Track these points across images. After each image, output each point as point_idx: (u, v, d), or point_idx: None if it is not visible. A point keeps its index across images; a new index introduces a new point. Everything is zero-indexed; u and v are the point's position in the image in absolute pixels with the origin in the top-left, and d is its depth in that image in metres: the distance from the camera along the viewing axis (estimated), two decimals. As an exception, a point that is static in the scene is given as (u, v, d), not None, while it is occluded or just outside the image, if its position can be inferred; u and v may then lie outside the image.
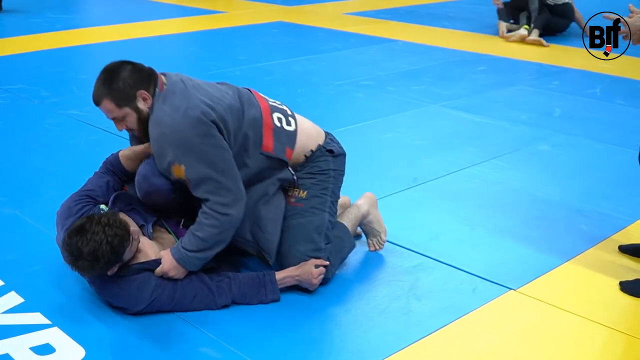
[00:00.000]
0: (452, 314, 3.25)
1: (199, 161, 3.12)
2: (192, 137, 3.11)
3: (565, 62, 8.29)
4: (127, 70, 3.19)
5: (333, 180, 3.55)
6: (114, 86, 3.15)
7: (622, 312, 3.34)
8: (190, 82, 3.30)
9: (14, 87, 6.88)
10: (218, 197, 3.16)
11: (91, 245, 2.98)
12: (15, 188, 4.58)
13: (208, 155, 3.14)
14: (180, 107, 3.14)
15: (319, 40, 9.51)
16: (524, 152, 5.32)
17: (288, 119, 3.50)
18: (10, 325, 3.10)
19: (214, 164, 3.15)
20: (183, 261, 3.18)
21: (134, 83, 3.17)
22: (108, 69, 3.22)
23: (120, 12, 11.53)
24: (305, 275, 3.35)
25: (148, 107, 3.19)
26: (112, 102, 3.16)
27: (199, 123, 3.12)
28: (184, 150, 3.11)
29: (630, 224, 4.13)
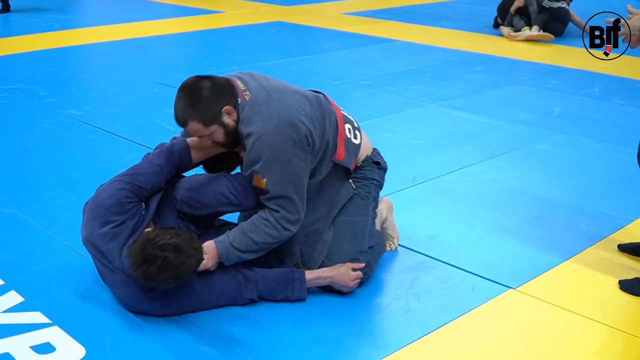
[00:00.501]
0: (451, 313, 3.25)
1: (282, 177, 3.16)
2: (282, 153, 3.14)
3: (563, 62, 8.30)
4: (207, 88, 3.14)
5: (375, 189, 3.59)
6: (198, 107, 3.12)
7: (622, 310, 3.34)
8: (269, 86, 3.28)
9: (13, 87, 6.87)
10: (287, 213, 3.21)
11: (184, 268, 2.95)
12: (15, 188, 4.58)
13: (292, 173, 3.18)
14: (272, 120, 3.15)
15: (317, 40, 9.52)
16: (523, 151, 5.32)
17: (355, 132, 3.54)
18: (10, 325, 3.09)
19: (294, 183, 3.20)
20: (225, 255, 3.19)
21: (217, 100, 3.15)
22: (188, 88, 3.16)
23: (118, 12, 11.53)
24: (342, 277, 3.34)
25: (234, 120, 3.19)
26: (200, 123, 3.14)
27: (290, 139, 3.15)
28: (272, 164, 3.14)
29: (629, 222, 4.14)
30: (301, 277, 3.31)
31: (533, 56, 8.66)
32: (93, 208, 3.19)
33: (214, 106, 3.13)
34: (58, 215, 4.16)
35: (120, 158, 5.03)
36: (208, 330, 3.09)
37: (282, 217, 3.21)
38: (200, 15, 11.32)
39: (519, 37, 9.37)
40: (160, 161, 3.28)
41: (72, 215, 4.14)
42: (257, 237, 3.19)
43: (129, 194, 3.16)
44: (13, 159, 5.08)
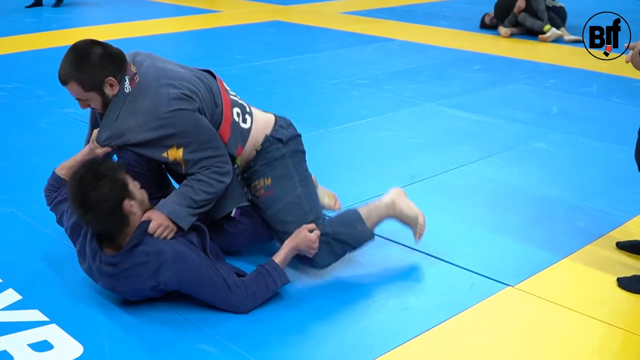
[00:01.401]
0: (449, 310, 3.25)
1: (197, 138, 3.21)
2: (186, 119, 3.18)
3: (561, 61, 8.31)
4: (97, 54, 3.19)
5: (291, 162, 3.56)
6: (83, 70, 3.16)
7: (620, 308, 3.34)
8: (160, 64, 3.33)
9: (10, 86, 6.88)
10: (216, 168, 3.27)
11: (87, 190, 3.02)
12: (12, 186, 4.57)
13: (203, 132, 3.23)
14: (162, 98, 3.18)
15: (315, 40, 9.52)
16: (521, 150, 5.32)
17: (245, 116, 3.52)
18: (8, 322, 3.09)
19: (210, 140, 3.25)
20: (175, 214, 3.20)
21: (103, 69, 3.18)
22: (77, 50, 3.21)
23: (116, 12, 11.53)
24: (303, 242, 3.38)
25: (114, 93, 3.21)
26: (79, 86, 3.19)
27: (183, 98, 3.19)
28: (180, 133, 3.18)
29: (627, 220, 4.14)
30: (274, 265, 3.31)
31: (531, 55, 8.66)
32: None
33: (98, 74, 3.17)
34: (56, 213, 4.16)
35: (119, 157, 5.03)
36: (207, 328, 3.09)
37: (213, 172, 3.27)
38: (198, 14, 11.33)
39: (549, 39, 9.34)
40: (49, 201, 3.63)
41: (70, 214, 4.15)
42: (196, 197, 3.24)
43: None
44: (11, 158, 5.08)
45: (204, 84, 3.37)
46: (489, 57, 8.56)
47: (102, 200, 3.01)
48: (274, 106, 6.17)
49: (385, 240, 3.87)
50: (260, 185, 3.52)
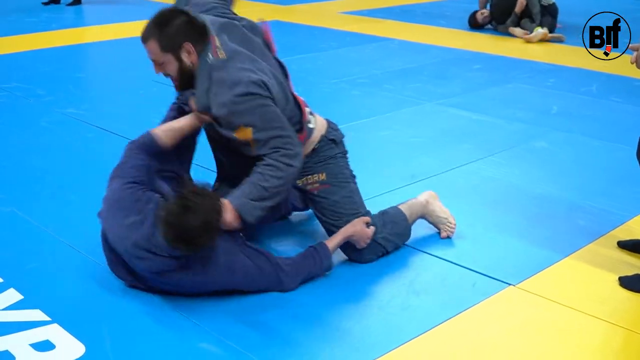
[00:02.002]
0: (451, 310, 3.25)
1: (265, 121, 3.26)
2: (257, 101, 3.24)
3: (561, 60, 8.30)
4: (180, 19, 3.28)
5: (342, 161, 3.71)
6: (164, 30, 3.26)
7: (621, 307, 3.34)
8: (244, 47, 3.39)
9: (10, 86, 6.87)
10: (285, 150, 3.30)
11: (201, 218, 3.00)
12: (13, 186, 4.57)
13: (271, 113, 3.28)
14: (241, 80, 3.23)
15: (315, 39, 9.51)
16: (521, 149, 5.32)
17: (310, 117, 3.63)
18: (9, 322, 3.09)
19: (278, 121, 3.30)
20: (244, 209, 3.25)
21: (184, 34, 3.25)
22: (164, 13, 3.32)
23: (116, 12, 11.52)
24: (359, 233, 3.53)
25: (191, 61, 3.28)
26: (158, 45, 3.27)
27: (259, 84, 3.25)
28: (250, 113, 3.23)
29: (628, 219, 4.14)
30: (323, 246, 3.44)
31: (530, 54, 8.67)
32: (112, 212, 3.24)
33: (178, 36, 3.25)
34: (56, 213, 4.16)
35: (118, 157, 5.00)
36: (209, 327, 3.09)
37: (282, 155, 3.30)
38: (197, 14, 11.30)
39: (535, 39, 9.34)
40: (132, 153, 3.41)
41: (70, 213, 4.16)
42: (267, 184, 3.27)
43: (124, 186, 3.26)
44: (11, 158, 5.08)
45: (276, 81, 3.43)
46: (489, 56, 8.56)
47: (202, 236, 3.03)
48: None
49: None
50: (315, 180, 3.62)
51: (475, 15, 10.13)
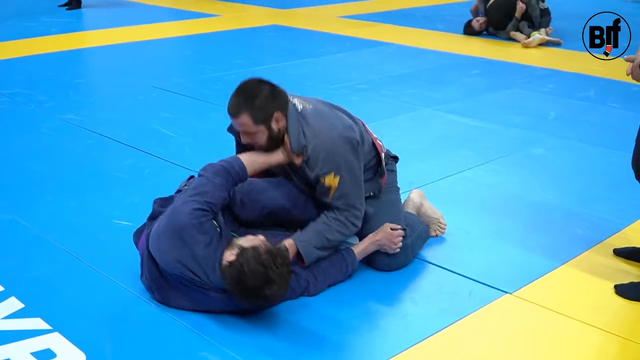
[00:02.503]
0: (448, 318, 3.28)
1: (352, 177, 3.47)
2: (348, 157, 3.45)
3: (558, 65, 8.33)
4: (266, 90, 3.37)
5: (396, 179, 3.92)
6: (254, 103, 3.33)
7: (617, 315, 3.36)
8: (326, 108, 3.60)
9: (10, 92, 6.89)
10: (355, 210, 3.52)
11: (281, 290, 3.08)
12: (13, 193, 4.59)
13: (357, 173, 3.51)
14: (335, 129, 3.45)
15: (314, 44, 9.54)
16: (519, 155, 5.35)
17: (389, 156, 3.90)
18: (10, 331, 3.11)
19: (360, 183, 3.54)
20: (307, 254, 3.43)
21: (273, 104, 3.36)
22: (249, 86, 3.39)
23: (114, 16, 11.55)
24: (385, 237, 3.59)
25: (279, 127, 3.38)
26: (250, 118, 3.33)
27: (354, 144, 3.47)
28: (341, 166, 3.43)
29: (624, 227, 4.17)
30: (350, 251, 3.56)
31: (528, 59, 8.69)
32: (175, 231, 3.17)
33: (268, 108, 3.35)
34: (57, 220, 4.18)
35: (118, 163, 5.06)
36: (210, 336, 3.11)
37: (352, 215, 3.51)
38: (197, 18, 11.33)
39: (533, 43, 9.36)
40: (221, 179, 3.29)
41: (71, 221, 4.18)
42: (331, 236, 3.47)
43: (204, 212, 3.18)
44: (11, 164, 5.10)
45: (359, 130, 3.60)
46: (487, 61, 8.59)
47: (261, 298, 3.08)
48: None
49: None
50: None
51: (471, 23, 10.13)
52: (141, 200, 4.17)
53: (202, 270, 3.14)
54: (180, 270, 3.16)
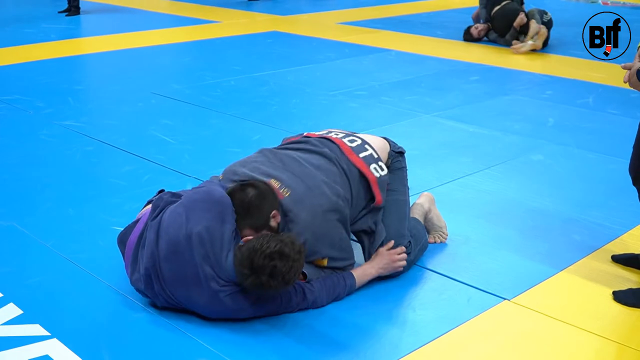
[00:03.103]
0: (447, 324, 3.28)
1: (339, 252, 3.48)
2: (333, 234, 3.44)
3: (557, 72, 8.35)
4: (254, 196, 3.30)
5: (406, 175, 3.93)
6: (250, 215, 3.29)
7: (615, 321, 3.37)
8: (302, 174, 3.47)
9: (9, 98, 6.90)
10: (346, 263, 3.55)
11: (292, 273, 3.08)
12: (12, 199, 4.59)
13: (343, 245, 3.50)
14: (317, 213, 3.37)
15: (313, 50, 9.55)
16: (518, 162, 5.36)
17: (380, 164, 3.70)
18: (9, 337, 3.11)
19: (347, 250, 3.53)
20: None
21: (265, 207, 3.32)
22: (237, 198, 3.30)
23: (113, 22, 11.57)
24: (387, 263, 3.57)
25: (277, 222, 3.36)
26: (252, 230, 3.30)
27: (336, 223, 3.44)
28: (327, 247, 3.43)
29: (623, 233, 4.17)
30: (351, 277, 3.50)
31: (527, 66, 8.71)
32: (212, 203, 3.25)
33: (263, 213, 3.31)
34: (56, 227, 4.18)
35: (118, 169, 5.06)
36: (208, 343, 3.11)
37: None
38: (196, 25, 11.36)
39: (522, 49, 9.38)
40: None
41: (70, 227, 4.18)
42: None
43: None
44: (10, 171, 5.10)
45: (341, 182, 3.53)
46: (486, 67, 8.60)
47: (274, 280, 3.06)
48: (273, 118, 6.24)
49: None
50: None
51: (470, 30, 10.14)
52: (140, 207, 4.16)
53: (220, 247, 3.15)
54: (198, 242, 3.15)
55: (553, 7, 10.23)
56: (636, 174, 3.53)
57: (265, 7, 13.16)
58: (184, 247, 3.16)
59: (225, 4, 13.52)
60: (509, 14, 9.80)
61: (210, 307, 3.20)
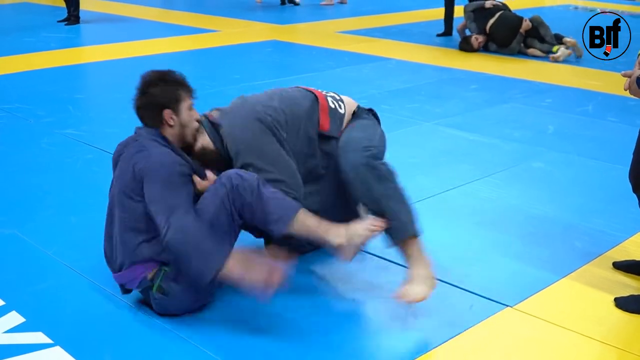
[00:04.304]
0: (449, 331, 3.28)
1: (263, 163, 3.47)
2: (259, 143, 3.50)
3: (557, 80, 8.37)
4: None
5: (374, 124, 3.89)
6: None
7: (616, 327, 3.38)
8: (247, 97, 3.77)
9: (10, 107, 6.91)
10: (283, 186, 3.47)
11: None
12: (13, 208, 4.60)
13: (274, 159, 3.51)
14: (236, 118, 3.59)
15: (312, 59, 9.57)
16: (518, 169, 5.37)
17: (339, 104, 3.84)
18: (12, 345, 3.12)
19: (276, 164, 3.50)
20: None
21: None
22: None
23: (113, 31, 11.59)
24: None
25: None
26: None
27: (260, 130, 3.52)
28: (253, 155, 3.48)
29: (624, 240, 4.18)
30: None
31: (526, 74, 8.72)
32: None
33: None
34: (57, 235, 4.19)
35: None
36: (211, 350, 3.11)
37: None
38: (196, 34, 11.37)
39: (561, 57, 9.46)
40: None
41: (71, 235, 4.19)
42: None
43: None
44: (11, 179, 5.11)
45: (282, 101, 3.70)
46: (485, 76, 8.62)
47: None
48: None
49: (386, 261, 3.90)
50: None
51: (470, 40, 10.08)
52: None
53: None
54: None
55: (552, 16, 10.25)
56: (636, 180, 3.55)
57: (265, 16, 13.19)
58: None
59: (224, 14, 13.54)
60: (509, 23, 9.83)
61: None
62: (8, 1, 15.11)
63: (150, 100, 3.42)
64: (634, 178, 3.56)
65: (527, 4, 14.21)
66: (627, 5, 14.79)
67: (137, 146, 3.36)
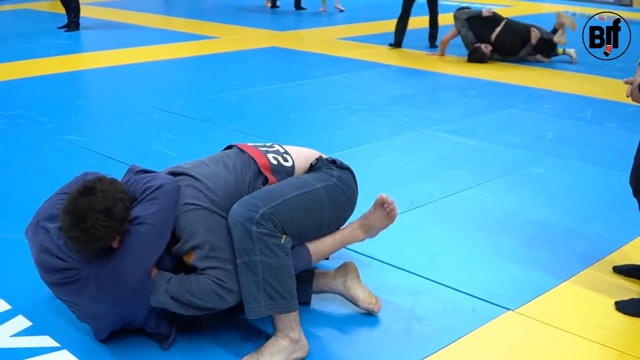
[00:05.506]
0: (451, 335, 3.31)
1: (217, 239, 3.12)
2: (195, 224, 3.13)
3: (555, 86, 8.41)
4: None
5: (337, 182, 3.45)
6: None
7: (617, 330, 3.40)
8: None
9: (12, 113, 6.94)
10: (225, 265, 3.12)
11: (105, 203, 2.88)
12: (17, 213, 4.61)
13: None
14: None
15: (312, 65, 9.61)
16: (518, 174, 5.40)
17: (284, 156, 3.50)
18: (19, 348, 3.14)
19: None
20: (157, 289, 3.12)
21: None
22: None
23: (114, 38, 11.62)
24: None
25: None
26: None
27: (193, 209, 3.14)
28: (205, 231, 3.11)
29: (624, 244, 4.21)
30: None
31: (526, 80, 8.76)
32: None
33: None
34: (62, 240, 4.20)
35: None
36: (217, 356, 3.14)
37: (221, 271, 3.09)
38: (196, 40, 11.41)
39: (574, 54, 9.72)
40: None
41: (76, 240, 4.20)
42: (188, 296, 3.06)
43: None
44: (15, 184, 5.14)
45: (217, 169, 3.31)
46: (484, 82, 8.66)
47: (101, 224, 2.91)
48: (273, 132, 6.27)
49: (388, 265, 3.93)
50: None
51: (481, 49, 9.74)
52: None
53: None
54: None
55: (550, 22, 10.27)
56: (637, 185, 3.58)
57: (265, 23, 13.24)
58: None
59: (223, 20, 13.58)
60: (518, 32, 9.82)
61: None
62: (7, 7, 15.16)
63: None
64: (635, 182, 3.59)
65: (526, 11, 14.28)
66: (625, 11, 14.82)
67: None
